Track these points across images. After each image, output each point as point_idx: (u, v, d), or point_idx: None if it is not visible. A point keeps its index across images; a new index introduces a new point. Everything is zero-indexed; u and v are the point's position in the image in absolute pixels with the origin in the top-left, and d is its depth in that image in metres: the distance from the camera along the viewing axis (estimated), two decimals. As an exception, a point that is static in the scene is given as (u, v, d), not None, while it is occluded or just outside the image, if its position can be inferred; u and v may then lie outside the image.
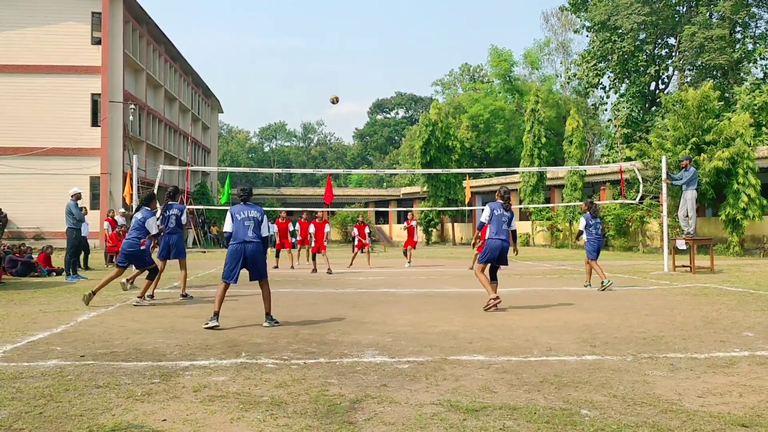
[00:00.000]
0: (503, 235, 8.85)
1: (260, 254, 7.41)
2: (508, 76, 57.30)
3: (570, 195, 31.41)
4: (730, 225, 22.49)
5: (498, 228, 8.87)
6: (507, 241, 8.90)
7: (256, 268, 7.39)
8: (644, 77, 42.21)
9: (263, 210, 7.71)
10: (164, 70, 41.00)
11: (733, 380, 4.75)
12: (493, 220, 8.92)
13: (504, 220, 8.93)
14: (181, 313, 8.53)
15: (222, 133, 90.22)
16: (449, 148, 39.19)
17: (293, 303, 9.43)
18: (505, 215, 8.96)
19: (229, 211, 7.53)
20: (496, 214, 8.92)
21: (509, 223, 9.02)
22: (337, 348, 6.01)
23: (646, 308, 8.80)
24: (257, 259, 7.37)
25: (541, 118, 35.55)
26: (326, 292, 11.27)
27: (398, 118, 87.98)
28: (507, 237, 8.91)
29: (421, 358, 5.52)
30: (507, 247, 8.92)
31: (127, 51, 33.31)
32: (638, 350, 5.85)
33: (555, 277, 14.32)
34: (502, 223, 8.90)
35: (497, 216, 8.91)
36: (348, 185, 76.36)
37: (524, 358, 5.55)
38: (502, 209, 8.96)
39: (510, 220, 9.04)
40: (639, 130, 39.60)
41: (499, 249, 8.82)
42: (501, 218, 8.91)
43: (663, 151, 22.23)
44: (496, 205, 9.02)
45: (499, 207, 8.98)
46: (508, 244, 8.91)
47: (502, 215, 8.93)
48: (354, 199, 55.83)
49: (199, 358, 5.58)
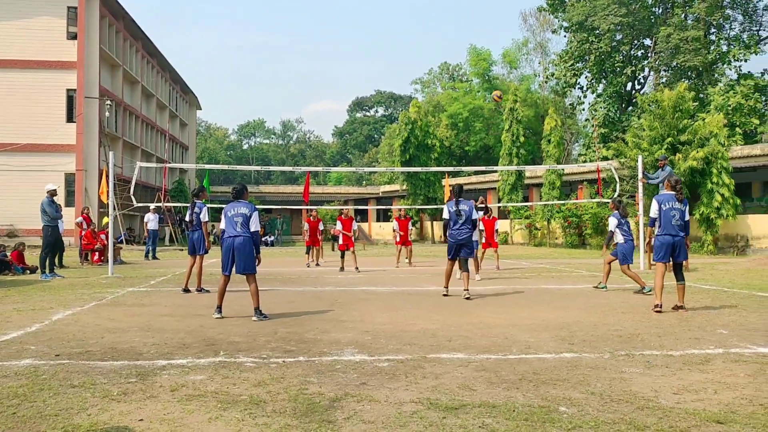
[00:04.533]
0: (673, 230, 8.26)
1: (247, 248, 7.69)
2: (487, 75, 57.57)
3: (548, 194, 31.65)
4: (704, 224, 22.83)
5: (667, 223, 8.28)
6: (680, 235, 8.28)
7: (241, 261, 7.68)
8: (621, 77, 42.67)
9: (254, 206, 7.89)
10: (141, 66, 40.51)
11: (708, 377, 4.81)
12: (663, 214, 8.33)
13: (674, 214, 8.28)
14: (158, 311, 8.43)
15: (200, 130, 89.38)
16: (429, 147, 39.27)
17: (272, 301, 9.38)
18: (676, 208, 8.30)
19: (223, 209, 7.92)
20: (664, 209, 8.33)
21: (683, 216, 8.34)
22: (317, 346, 5.98)
23: (622, 306, 8.89)
24: (243, 252, 7.66)
25: (519, 117, 35.76)
26: (305, 291, 11.22)
27: (378, 117, 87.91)
28: (678, 231, 8.28)
29: (400, 357, 5.52)
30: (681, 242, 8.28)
31: (104, 46, 32.84)
32: (615, 348, 5.90)
33: (533, 275, 14.42)
34: (671, 217, 8.28)
35: (666, 210, 8.31)
36: (327, 183, 76.15)
37: (503, 355, 5.58)
38: (674, 201, 8.33)
39: (683, 213, 8.33)
40: (616, 129, 40.04)
41: (672, 245, 8.26)
42: (670, 213, 8.28)
43: (639, 151, 22.47)
44: (665, 198, 8.41)
45: (671, 199, 8.36)
46: (681, 238, 8.30)
47: (671, 209, 8.29)
48: (333, 197, 55.70)
49: (177, 357, 5.53)
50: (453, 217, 9.92)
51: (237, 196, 7.93)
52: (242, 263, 7.69)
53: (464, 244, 9.91)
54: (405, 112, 40.21)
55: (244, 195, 7.98)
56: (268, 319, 7.62)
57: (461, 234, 9.85)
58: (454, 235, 9.90)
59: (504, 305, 9.10)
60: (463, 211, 9.88)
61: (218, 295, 7.92)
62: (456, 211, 9.85)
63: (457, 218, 9.87)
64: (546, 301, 9.50)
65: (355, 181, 72.04)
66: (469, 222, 9.88)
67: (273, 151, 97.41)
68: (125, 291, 10.95)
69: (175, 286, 11.65)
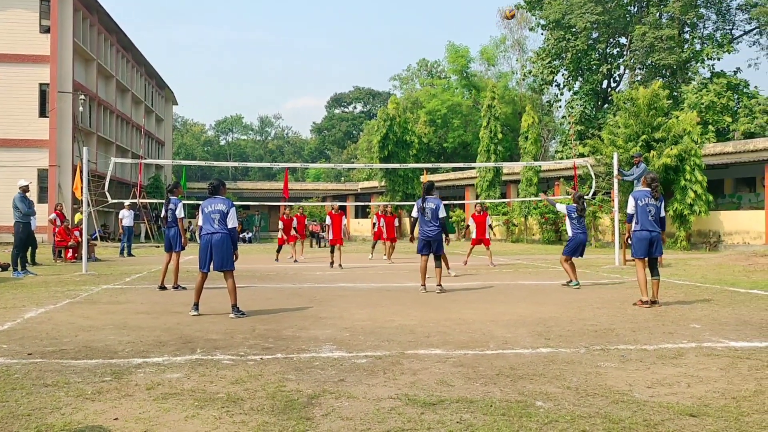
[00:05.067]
0: (650, 226, 8.41)
1: (225, 244, 7.66)
2: (465, 72, 57.75)
3: (525, 190, 31.90)
4: (677, 220, 23.17)
5: (644, 219, 8.42)
6: (656, 231, 8.44)
7: (219, 257, 7.65)
8: (597, 75, 43.10)
9: (231, 202, 7.83)
10: (116, 60, 39.93)
11: (682, 371, 4.89)
12: (639, 210, 8.48)
13: (650, 210, 8.44)
14: (134, 309, 8.34)
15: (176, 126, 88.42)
16: (407, 143, 39.30)
17: (249, 298, 9.33)
18: (652, 204, 8.48)
19: (200, 206, 7.86)
20: (641, 205, 8.48)
21: (659, 212, 8.52)
22: (295, 343, 5.97)
23: (598, 301, 9.00)
24: (220, 249, 7.63)
25: (497, 114, 35.95)
26: (283, 287, 11.18)
27: (356, 113, 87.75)
28: (655, 227, 8.44)
29: (378, 353, 5.52)
30: (657, 238, 8.45)
31: (77, 40, 32.29)
32: (591, 342, 5.97)
33: (510, 271, 14.52)
34: (647, 213, 8.44)
35: (642, 207, 8.47)
36: (306, 179, 75.88)
37: (480, 351, 5.61)
38: (650, 197, 8.50)
39: (659, 209, 8.53)
40: (592, 127, 40.42)
41: (648, 240, 8.41)
42: (646, 209, 8.44)
43: (615, 148, 22.71)
44: (641, 194, 8.55)
45: (647, 195, 8.51)
46: (658, 233, 8.45)
47: (647, 205, 8.46)
48: (312, 193, 55.52)
49: (152, 355, 5.47)
50: (419, 213, 10.32)
51: (214, 192, 7.89)
52: (220, 260, 7.65)
53: (432, 240, 10.21)
54: (383, 109, 40.18)
55: (221, 191, 7.93)
56: (245, 317, 7.58)
57: (430, 231, 10.20)
58: (423, 231, 10.31)
59: (482, 301, 9.14)
60: (428, 208, 10.20)
61: (195, 292, 7.87)
62: (421, 208, 10.26)
63: (422, 215, 10.23)
64: (523, 297, 9.58)
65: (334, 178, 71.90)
66: (435, 219, 10.15)
67: (251, 147, 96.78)
68: (100, 288, 10.81)
69: (151, 284, 11.52)
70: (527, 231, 32.88)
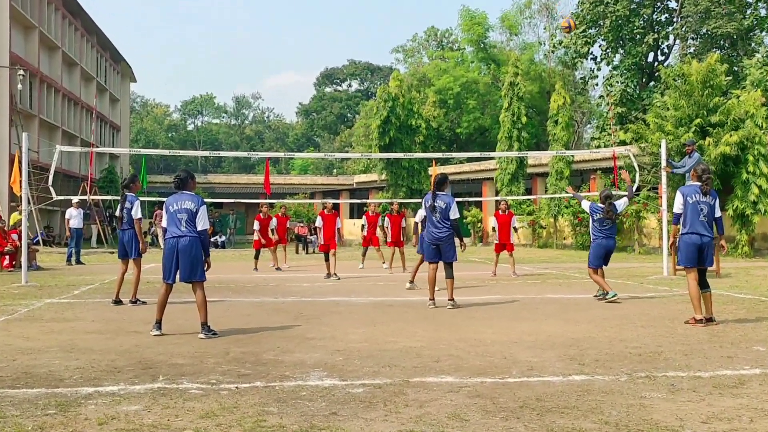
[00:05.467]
0: (702, 228, 8.37)
1: (193, 250, 7.67)
2: (482, 43, 57.79)
3: (555, 185, 31.90)
4: (738, 221, 23.14)
5: (694, 220, 8.39)
6: (708, 235, 8.40)
7: (186, 266, 7.65)
8: (641, 47, 43.06)
9: (201, 199, 7.81)
10: (62, 28, 39.99)
11: (743, 402, 4.89)
12: (689, 209, 8.45)
13: (701, 209, 8.40)
14: (83, 328, 8.35)
15: (135, 107, 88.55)
16: (412, 128, 39.35)
17: (223, 315, 9.33)
18: (704, 201, 8.42)
19: (164, 204, 7.87)
20: (690, 202, 8.45)
21: (712, 212, 8.48)
22: (277, 369, 5.97)
23: (642, 319, 9.00)
24: (188, 256, 7.64)
25: (521, 93, 35.98)
26: (263, 302, 11.19)
27: (351, 92, 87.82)
28: (708, 231, 8.41)
29: (378, 381, 5.52)
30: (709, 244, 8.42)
31: (15, 4, 32.34)
32: (633, 368, 5.97)
33: (537, 283, 14.52)
34: (698, 212, 8.40)
35: (692, 205, 8.43)
36: (290, 172, 75.93)
37: (501, 379, 5.61)
38: (700, 193, 8.45)
39: (712, 208, 8.47)
40: (635, 109, 40.45)
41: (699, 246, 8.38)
42: (697, 207, 8.40)
43: (663, 134, 22.70)
44: (691, 190, 8.53)
45: (698, 191, 8.47)
46: (710, 239, 8.43)
47: (698, 203, 8.42)
48: (297, 188, 55.53)
49: (106, 383, 5.47)
50: (427, 212, 10.28)
51: (180, 187, 7.88)
52: (187, 269, 7.67)
53: (442, 245, 10.11)
54: (384, 87, 40.25)
55: (188, 185, 7.93)
56: (218, 337, 7.58)
57: (439, 233, 10.09)
58: (431, 233, 10.20)
59: (502, 318, 9.15)
60: (438, 206, 10.10)
61: (157, 308, 7.85)
62: (431, 206, 10.16)
63: (431, 214, 10.16)
64: (552, 314, 9.58)
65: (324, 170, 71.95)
66: (445, 219, 10.09)
67: (224, 133, 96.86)
68: (42, 303, 10.82)
69: (105, 297, 11.52)
70: (557, 234, 32.91)
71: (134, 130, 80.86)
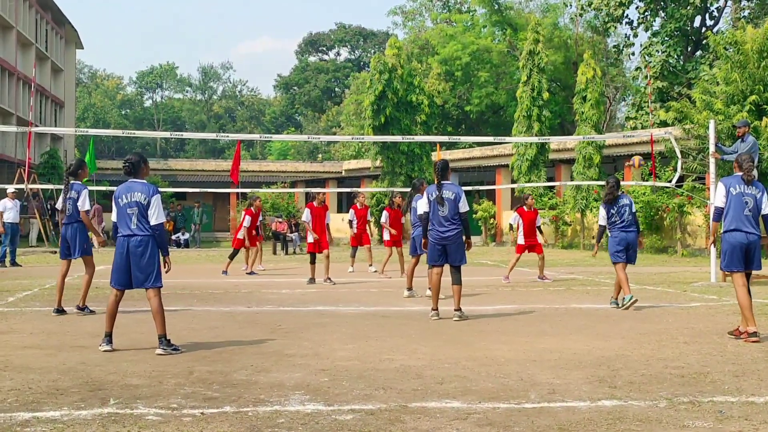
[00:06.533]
0: (746, 224, 8.46)
1: (147, 251, 7.65)
2: (496, 4, 57.73)
3: (582, 174, 31.85)
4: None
5: (737, 215, 8.48)
6: (755, 233, 8.49)
7: (139, 269, 7.64)
8: (686, 9, 43.03)
9: (154, 188, 7.81)
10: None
11: (803, 433, 4.91)
12: (732, 202, 8.53)
13: (747, 202, 8.48)
14: (20, 342, 8.34)
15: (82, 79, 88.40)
16: (413, 106, 39.29)
17: (186, 327, 9.33)
18: (750, 194, 8.51)
19: (113, 195, 7.83)
20: (734, 194, 8.53)
21: (759, 206, 8.54)
22: (250, 392, 5.98)
23: (685, 333, 9.01)
24: (141, 257, 7.63)
25: (542, 64, 35.94)
26: (234, 311, 11.19)
27: (340, 61, 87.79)
28: (755, 228, 8.50)
29: (370, 406, 5.54)
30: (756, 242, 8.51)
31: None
32: (674, 392, 5.99)
33: (561, 290, 14.55)
34: (743, 206, 8.48)
35: (735, 197, 8.52)
36: (267, 157, 75.89)
37: (517, 404, 5.63)
38: (744, 184, 8.56)
39: (759, 201, 8.54)
40: (678, 83, 40.45)
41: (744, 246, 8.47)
42: (742, 200, 8.48)
43: (711, 114, 22.72)
44: (733, 181, 8.63)
45: (741, 182, 8.57)
46: (757, 237, 8.51)
47: (742, 195, 8.50)
48: (276, 177, 55.46)
49: (46, 407, 5.47)
50: (433, 206, 10.12)
51: (131, 173, 7.83)
52: (141, 273, 7.66)
53: (449, 245, 10.10)
54: (379, 56, 40.13)
55: (141, 171, 7.90)
56: (180, 353, 7.59)
57: (446, 231, 10.05)
58: (435, 231, 10.13)
59: (518, 332, 9.16)
60: (447, 198, 10.05)
61: (107, 318, 7.84)
62: (438, 198, 10.05)
63: (438, 207, 10.06)
64: (578, 327, 9.60)
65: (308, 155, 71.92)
66: (454, 214, 10.06)
67: (188, 110, 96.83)
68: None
69: (45, 305, 11.51)
70: (584, 233, 32.92)
71: (81, 107, 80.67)
